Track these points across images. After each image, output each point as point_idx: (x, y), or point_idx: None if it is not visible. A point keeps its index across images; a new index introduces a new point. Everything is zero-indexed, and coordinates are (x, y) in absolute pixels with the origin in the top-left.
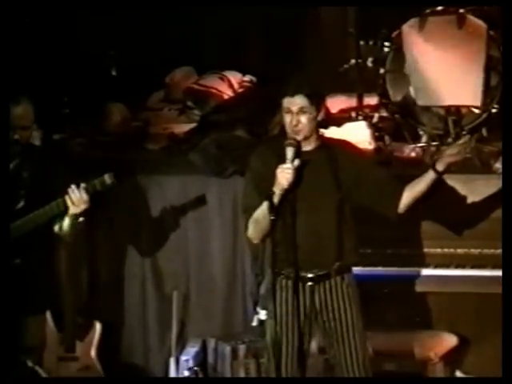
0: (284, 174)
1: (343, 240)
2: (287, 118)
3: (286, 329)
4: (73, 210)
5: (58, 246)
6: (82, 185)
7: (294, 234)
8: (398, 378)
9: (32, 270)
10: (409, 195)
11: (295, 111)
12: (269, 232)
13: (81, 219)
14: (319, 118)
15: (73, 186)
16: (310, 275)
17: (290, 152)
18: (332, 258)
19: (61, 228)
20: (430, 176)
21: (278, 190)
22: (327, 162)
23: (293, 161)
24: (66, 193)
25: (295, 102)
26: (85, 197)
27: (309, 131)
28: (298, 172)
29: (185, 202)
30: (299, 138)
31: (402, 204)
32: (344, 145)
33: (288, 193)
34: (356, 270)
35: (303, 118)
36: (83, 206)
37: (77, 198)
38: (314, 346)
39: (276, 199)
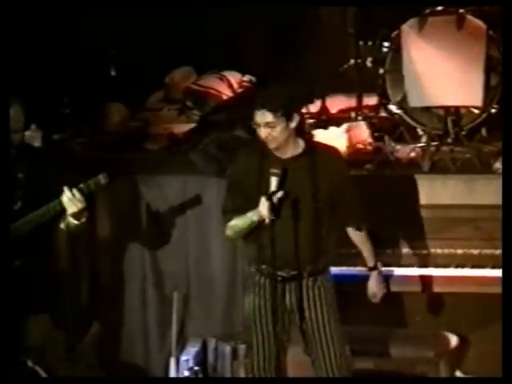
0: (266, 209)
1: (319, 243)
2: (259, 131)
3: (260, 324)
4: (70, 210)
5: (58, 245)
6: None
7: (270, 235)
8: (397, 378)
9: (32, 270)
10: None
11: (262, 125)
12: (246, 233)
13: (83, 220)
14: (292, 125)
15: (66, 188)
16: (281, 274)
17: (273, 182)
18: (305, 260)
19: (67, 226)
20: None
21: (256, 218)
22: (307, 171)
23: (276, 192)
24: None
25: (261, 117)
26: (79, 197)
27: (282, 141)
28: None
29: (184, 202)
30: (272, 146)
31: None
32: (327, 153)
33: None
34: (355, 270)
35: (273, 132)
36: (79, 206)
37: (71, 199)
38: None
39: (254, 225)
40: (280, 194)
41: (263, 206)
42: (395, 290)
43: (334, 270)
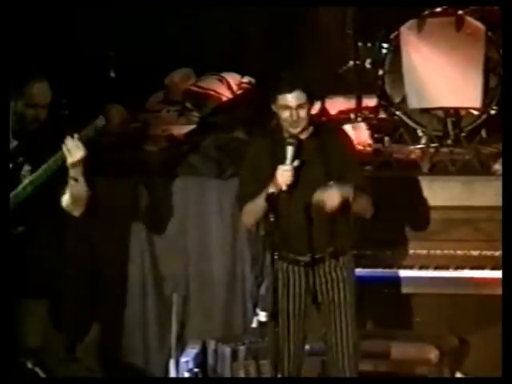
0: (283, 177)
1: (336, 225)
2: (285, 114)
3: (285, 311)
4: (70, 159)
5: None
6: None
7: (289, 221)
8: (397, 378)
9: (33, 266)
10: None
11: (294, 107)
12: (261, 218)
13: (79, 178)
14: (314, 108)
15: (68, 137)
16: (304, 259)
17: (289, 151)
18: (325, 242)
19: (66, 197)
20: None
21: (274, 190)
22: (319, 151)
23: (292, 161)
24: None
25: (294, 98)
26: (79, 143)
27: (306, 124)
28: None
29: (184, 203)
30: (297, 131)
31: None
32: (335, 132)
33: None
34: (356, 271)
35: (302, 113)
36: (80, 153)
37: (72, 146)
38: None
39: (269, 198)
40: (296, 162)
41: (279, 174)
42: (395, 291)
43: None
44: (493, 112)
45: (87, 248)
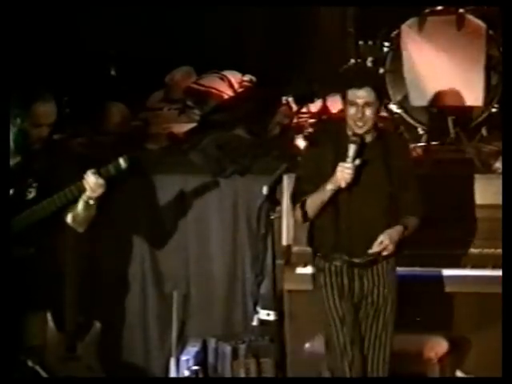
0: (344, 174)
1: (389, 226)
2: (351, 110)
3: (336, 314)
4: (90, 194)
5: (60, 243)
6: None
7: (345, 221)
8: (398, 378)
9: (33, 269)
10: None
11: (361, 104)
12: (315, 215)
13: (91, 202)
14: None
15: (89, 172)
16: (359, 261)
17: (352, 149)
18: None
19: (74, 215)
20: None
21: (332, 186)
22: (381, 156)
23: (354, 159)
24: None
25: (361, 95)
26: (101, 181)
27: (372, 124)
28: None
29: (184, 202)
30: (361, 131)
31: None
32: (400, 143)
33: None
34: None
35: (368, 111)
36: (100, 191)
37: (93, 183)
38: None
39: (328, 195)
40: (358, 161)
41: (339, 171)
42: (434, 290)
43: None
44: (493, 110)
45: (87, 247)
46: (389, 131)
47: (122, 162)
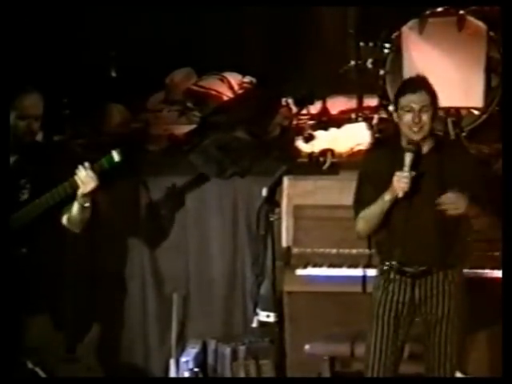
0: (400, 184)
1: (448, 239)
2: (407, 117)
3: (382, 320)
4: (82, 189)
5: (60, 244)
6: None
7: (401, 230)
8: (398, 378)
9: (33, 269)
10: None
11: (417, 109)
12: (377, 229)
13: (87, 204)
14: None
15: (80, 166)
16: (411, 270)
17: (408, 158)
18: (433, 255)
19: (69, 216)
20: None
21: (390, 197)
22: (437, 167)
23: (411, 168)
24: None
25: (417, 99)
26: (92, 175)
27: (429, 130)
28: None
29: (184, 203)
30: (418, 137)
31: None
32: (460, 151)
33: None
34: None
35: (424, 117)
36: (92, 184)
37: (85, 176)
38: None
39: (387, 205)
40: (413, 173)
41: (396, 181)
42: None
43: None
44: (494, 112)
45: (87, 247)
46: (447, 140)
47: (115, 154)
